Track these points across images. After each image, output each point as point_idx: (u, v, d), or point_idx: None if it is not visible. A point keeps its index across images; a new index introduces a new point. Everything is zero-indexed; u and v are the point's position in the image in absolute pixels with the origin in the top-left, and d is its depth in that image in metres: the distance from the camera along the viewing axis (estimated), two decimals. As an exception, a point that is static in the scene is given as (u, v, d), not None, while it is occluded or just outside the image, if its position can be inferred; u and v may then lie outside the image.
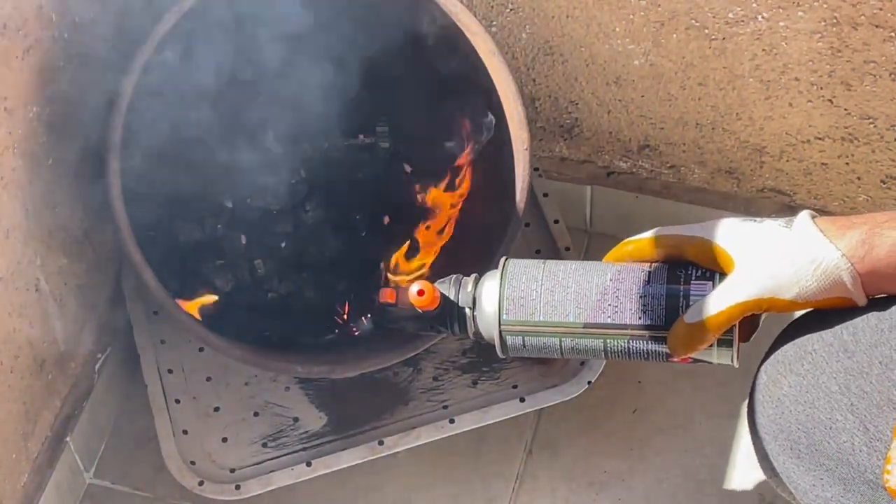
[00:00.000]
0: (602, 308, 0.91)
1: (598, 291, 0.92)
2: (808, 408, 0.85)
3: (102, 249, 1.28)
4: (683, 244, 0.91)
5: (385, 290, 0.99)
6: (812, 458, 0.85)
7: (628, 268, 0.93)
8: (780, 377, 0.87)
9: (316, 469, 1.20)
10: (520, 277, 0.93)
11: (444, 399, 1.25)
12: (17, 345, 1.14)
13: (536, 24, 1.27)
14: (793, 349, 0.87)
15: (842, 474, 0.83)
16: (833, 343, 0.84)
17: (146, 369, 1.27)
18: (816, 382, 0.84)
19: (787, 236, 0.87)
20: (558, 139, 1.38)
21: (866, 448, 0.81)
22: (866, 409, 0.82)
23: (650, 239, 0.93)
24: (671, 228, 0.93)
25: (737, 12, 1.18)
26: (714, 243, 0.90)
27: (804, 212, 0.88)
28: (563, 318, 0.92)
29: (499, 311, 0.93)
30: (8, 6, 1.01)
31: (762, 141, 1.29)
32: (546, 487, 1.27)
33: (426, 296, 0.95)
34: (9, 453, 1.16)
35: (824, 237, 0.85)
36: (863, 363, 0.82)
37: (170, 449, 1.22)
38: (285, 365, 1.19)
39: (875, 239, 0.83)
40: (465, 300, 0.95)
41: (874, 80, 1.19)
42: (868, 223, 0.84)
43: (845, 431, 0.82)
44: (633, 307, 0.91)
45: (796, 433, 0.86)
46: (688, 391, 1.32)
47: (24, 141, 1.08)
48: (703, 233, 0.91)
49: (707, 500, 1.26)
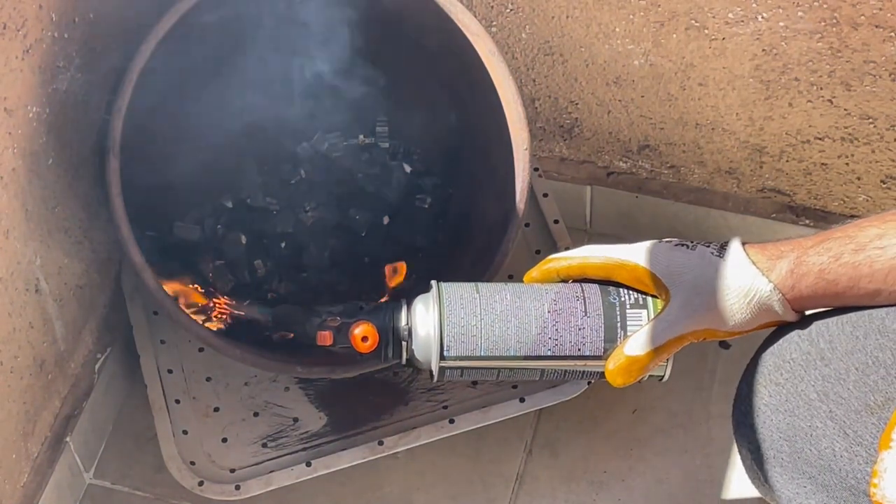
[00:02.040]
0: (543, 342, 0.92)
1: (537, 325, 0.92)
2: (789, 416, 0.86)
3: (102, 249, 1.28)
4: (614, 269, 0.92)
5: (322, 334, 0.98)
6: (795, 465, 0.86)
7: (563, 296, 0.93)
8: (759, 387, 0.88)
9: (316, 469, 1.20)
10: (458, 310, 0.93)
11: (444, 399, 1.25)
12: (17, 345, 1.14)
13: (536, 25, 1.27)
14: (771, 359, 0.88)
15: (824, 481, 0.84)
16: (810, 352, 0.86)
17: (146, 369, 1.27)
18: (795, 391, 0.86)
19: (721, 267, 0.88)
20: (558, 139, 1.38)
21: (847, 454, 0.82)
22: (845, 414, 0.83)
23: (580, 260, 0.94)
24: (602, 249, 0.93)
25: (737, 12, 1.18)
26: (647, 270, 0.91)
27: (735, 240, 0.90)
28: (504, 352, 0.93)
29: (440, 346, 0.93)
30: (8, 6, 1.01)
31: (762, 141, 1.29)
32: (546, 487, 1.27)
33: (370, 341, 0.95)
34: (9, 453, 1.16)
35: (757, 269, 0.87)
36: (840, 370, 0.84)
37: (170, 449, 1.22)
38: (285, 365, 1.19)
39: (801, 268, 0.86)
40: (399, 332, 0.95)
41: (874, 80, 1.19)
42: (795, 250, 0.87)
43: (825, 438, 0.83)
44: (572, 339, 0.92)
45: (778, 442, 0.87)
46: (688, 391, 1.32)
47: (24, 141, 1.08)
48: (634, 258, 0.92)
49: (707, 500, 1.26)
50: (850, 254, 0.84)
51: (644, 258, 0.91)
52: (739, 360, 1.34)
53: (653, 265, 0.91)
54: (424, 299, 0.95)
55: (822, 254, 0.85)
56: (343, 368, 1.19)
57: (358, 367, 1.20)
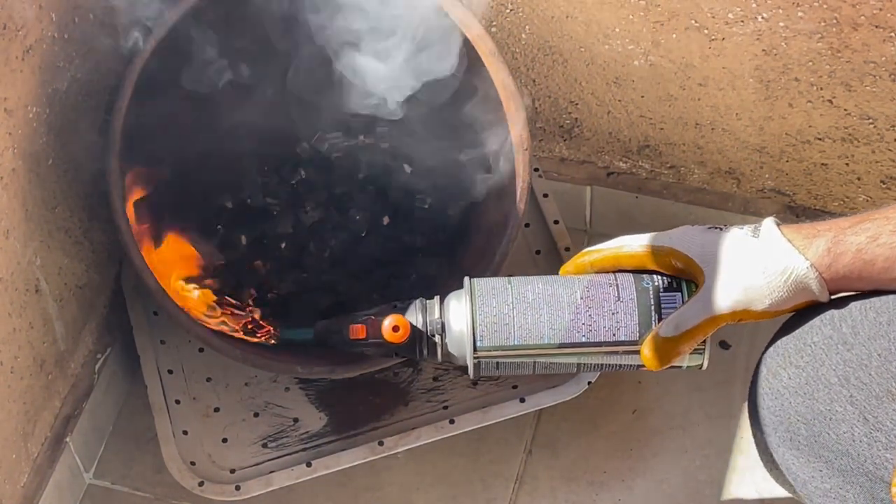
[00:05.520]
0: (576, 328, 0.92)
1: (570, 311, 0.92)
2: (808, 399, 0.85)
3: (102, 250, 1.28)
4: (648, 256, 0.92)
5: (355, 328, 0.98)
6: (811, 449, 0.86)
7: (596, 282, 0.93)
8: (780, 369, 0.88)
9: (316, 469, 1.20)
10: (489, 301, 0.93)
11: (444, 399, 1.25)
12: (17, 345, 1.14)
13: (536, 25, 1.27)
14: (793, 342, 0.88)
15: (841, 466, 0.84)
16: (832, 336, 0.85)
17: (146, 369, 1.27)
18: (816, 374, 0.85)
19: (756, 247, 0.88)
20: (558, 139, 1.38)
21: (866, 439, 0.82)
22: (865, 400, 0.82)
23: (613, 250, 0.94)
24: (634, 238, 0.93)
25: (737, 12, 1.18)
26: (681, 253, 0.91)
27: (769, 219, 0.89)
28: (538, 340, 0.92)
29: (472, 338, 0.93)
30: (8, 6, 1.01)
31: (762, 141, 1.29)
32: (546, 487, 1.27)
33: (401, 331, 0.95)
34: (9, 453, 1.16)
35: (792, 247, 0.86)
36: (862, 355, 0.83)
37: (170, 450, 1.22)
38: (285, 365, 1.19)
39: (839, 247, 0.85)
40: (433, 327, 0.95)
41: (874, 80, 1.19)
42: (832, 230, 0.86)
43: (845, 422, 0.83)
44: (606, 324, 0.92)
45: (796, 425, 0.86)
46: (687, 392, 1.32)
47: (24, 141, 1.08)
48: (668, 243, 0.91)
49: (706, 500, 1.26)
50: (889, 234, 0.84)
51: (678, 242, 0.91)
52: (739, 361, 1.35)
53: (687, 248, 0.90)
54: (457, 294, 0.95)
55: (860, 234, 0.85)
56: (343, 368, 1.19)
57: (360, 367, 1.20)
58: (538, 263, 1.31)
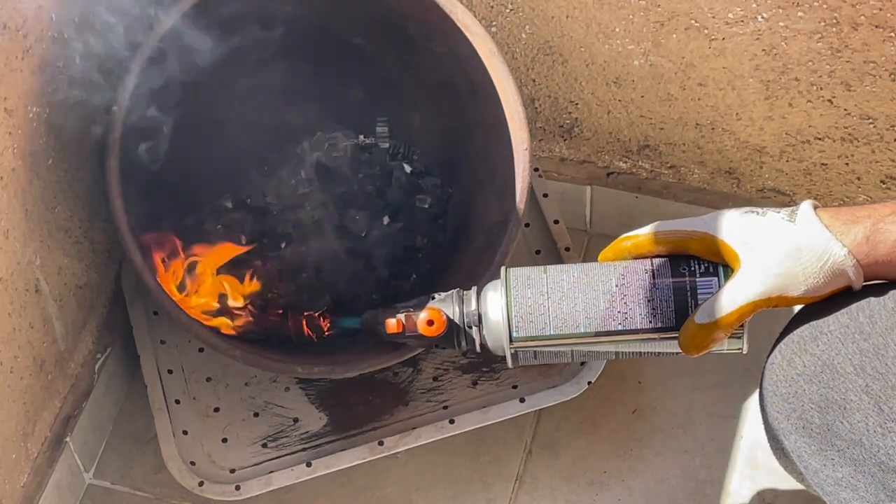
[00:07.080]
0: (612, 316, 0.91)
1: (605, 299, 0.91)
2: (823, 387, 0.85)
3: (102, 250, 1.28)
4: (685, 240, 0.91)
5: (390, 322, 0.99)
6: (824, 438, 0.85)
7: (632, 269, 0.92)
8: (794, 357, 0.87)
9: (316, 469, 1.20)
10: (525, 290, 0.93)
11: (444, 399, 1.25)
12: (17, 345, 1.14)
13: (536, 25, 1.27)
14: (808, 330, 0.87)
15: (853, 455, 0.83)
16: (849, 325, 0.85)
17: (146, 369, 1.27)
18: (831, 363, 0.85)
19: (793, 232, 0.87)
20: (558, 139, 1.38)
21: (880, 429, 0.82)
22: (881, 390, 0.82)
23: (649, 235, 0.93)
24: (670, 223, 0.93)
25: (737, 12, 1.18)
26: (717, 238, 0.90)
27: (806, 203, 0.89)
28: (574, 329, 0.92)
29: (508, 327, 0.92)
30: (8, 6, 1.01)
31: (762, 141, 1.29)
32: (546, 487, 1.27)
33: (436, 324, 0.96)
34: (9, 453, 1.16)
35: (830, 233, 0.86)
36: (879, 345, 0.83)
37: (170, 449, 1.22)
38: (285, 365, 1.19)
39: (878, 235, 0.85)
40: (470, 318, 0.95)
41: (874, 80, 1.19)
42: (871, 217, 0.85)
43: (859, 412, 0.83)
44: (642, 311, 0.91)
45: (809, 413, 0.86)
46: (687, 391, 1.32)
47: (24, 141, 1.08)
48: (704, 227, 0.91)
49: (706, 500, 1.26)
50: None
51: (715, 227, 0.90)
52: (739, 362, 1.35)
53: (725, 233, 0.89)
54: (494, 285, 0.95)
55: None
56: (343, 368, 1.19)
57: (359, 367, 1.20)
58: (538, 263, 1.30)
